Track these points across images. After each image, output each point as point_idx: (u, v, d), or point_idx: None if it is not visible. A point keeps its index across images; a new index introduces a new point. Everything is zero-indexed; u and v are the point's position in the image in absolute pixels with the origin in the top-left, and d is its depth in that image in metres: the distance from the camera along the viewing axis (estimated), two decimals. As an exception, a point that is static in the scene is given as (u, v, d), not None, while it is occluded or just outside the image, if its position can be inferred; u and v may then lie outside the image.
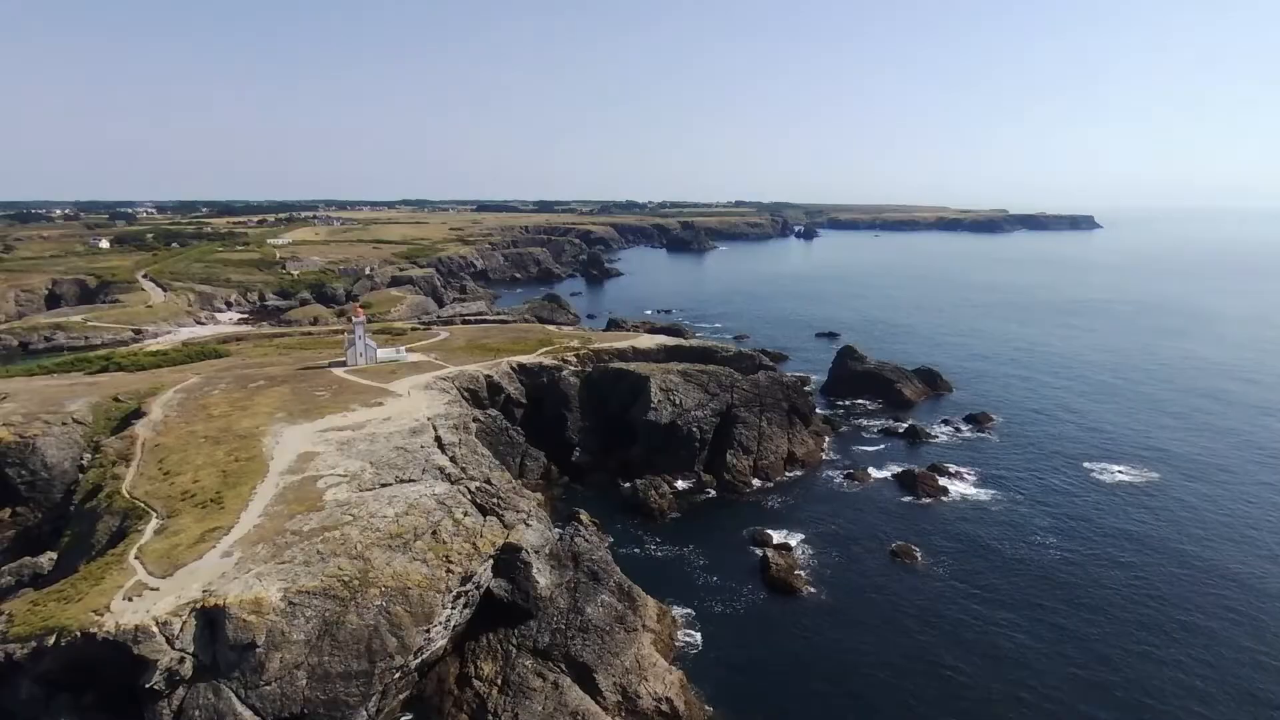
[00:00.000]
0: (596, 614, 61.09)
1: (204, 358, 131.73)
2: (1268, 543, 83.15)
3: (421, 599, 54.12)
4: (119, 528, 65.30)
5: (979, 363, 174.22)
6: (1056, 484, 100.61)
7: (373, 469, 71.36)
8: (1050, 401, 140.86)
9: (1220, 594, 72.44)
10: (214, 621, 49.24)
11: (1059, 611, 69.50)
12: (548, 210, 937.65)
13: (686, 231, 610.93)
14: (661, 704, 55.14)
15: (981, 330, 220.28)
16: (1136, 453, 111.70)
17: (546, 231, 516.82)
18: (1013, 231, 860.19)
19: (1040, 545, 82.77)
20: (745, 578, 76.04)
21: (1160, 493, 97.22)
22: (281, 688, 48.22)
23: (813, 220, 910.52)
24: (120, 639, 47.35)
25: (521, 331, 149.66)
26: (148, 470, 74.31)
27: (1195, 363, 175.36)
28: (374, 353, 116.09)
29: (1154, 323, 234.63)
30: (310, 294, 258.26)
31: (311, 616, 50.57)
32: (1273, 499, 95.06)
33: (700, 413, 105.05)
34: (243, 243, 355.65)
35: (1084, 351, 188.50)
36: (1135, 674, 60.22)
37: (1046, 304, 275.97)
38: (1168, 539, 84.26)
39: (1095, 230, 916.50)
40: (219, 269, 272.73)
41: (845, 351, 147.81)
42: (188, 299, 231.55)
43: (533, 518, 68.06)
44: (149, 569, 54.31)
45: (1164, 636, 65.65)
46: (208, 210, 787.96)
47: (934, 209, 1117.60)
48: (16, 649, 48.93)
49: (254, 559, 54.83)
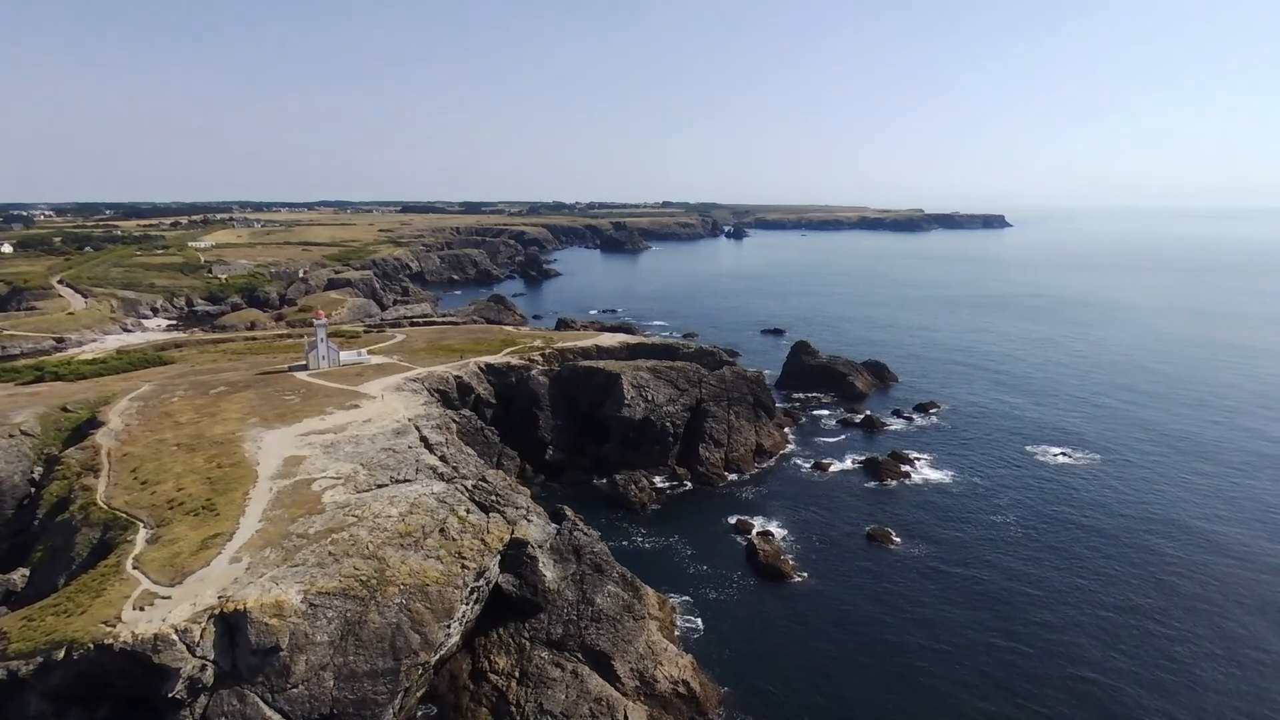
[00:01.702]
0: (606, 604, 62.38)
1: (148, 365, 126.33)
2: (1189, 511, 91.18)
3: (441, 595, 54.42)
4: (100, 539, 63.00)
5: (918, 355, 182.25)
6: (1005, 466, 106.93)
7: (366, 471, 70.74)
8: (987, 390, 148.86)
9: (1155, 555, 79.41)
10: (234, 627, 48.50)
11: (1029, 577, 75.23)
12: (475, 211, 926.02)
13: (620, 232, 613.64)
14: (678, 686, 56.91)
15: (916, 324, 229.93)
16: (1069, 436, 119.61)
17: (479, 233, 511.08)
18: (930, 230, 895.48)
19: (1002, 523, 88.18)
20: (734, 565, 78.52)
21: (1098, 471, 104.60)
22: (309, 689, 47.87)
23: (740, 220, 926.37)
24: (138, 648, 46.21)
25: (480, 332, 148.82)
26: (121, 480, 71.60)
27: (1111, 351, 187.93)
28: (336, 356, 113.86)
29: (1071, 315, 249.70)
30: (241, 298, 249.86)
31: (333, 617, 50.33)
32: (1192, 474, 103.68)
33: (671, 408, 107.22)
34: (162, 246, 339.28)
35: (1011, 342, 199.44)
36: (1090, 614, 67.02)
37: (972, 299, 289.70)
38: (1109, 508, 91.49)
39: (1006, 229, 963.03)
40: (141, 274, 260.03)
41: (799, 346, 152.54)
42: (110, 305, 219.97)
43: (532, 513, 68.86)
44: (154, 578, 52.89)
45: (1110, 583, 73.49)
46: (113, 212, 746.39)
47: (855, 209, 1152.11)
48: (20, 665, 47.04)
49: (265, 563, 54.03)
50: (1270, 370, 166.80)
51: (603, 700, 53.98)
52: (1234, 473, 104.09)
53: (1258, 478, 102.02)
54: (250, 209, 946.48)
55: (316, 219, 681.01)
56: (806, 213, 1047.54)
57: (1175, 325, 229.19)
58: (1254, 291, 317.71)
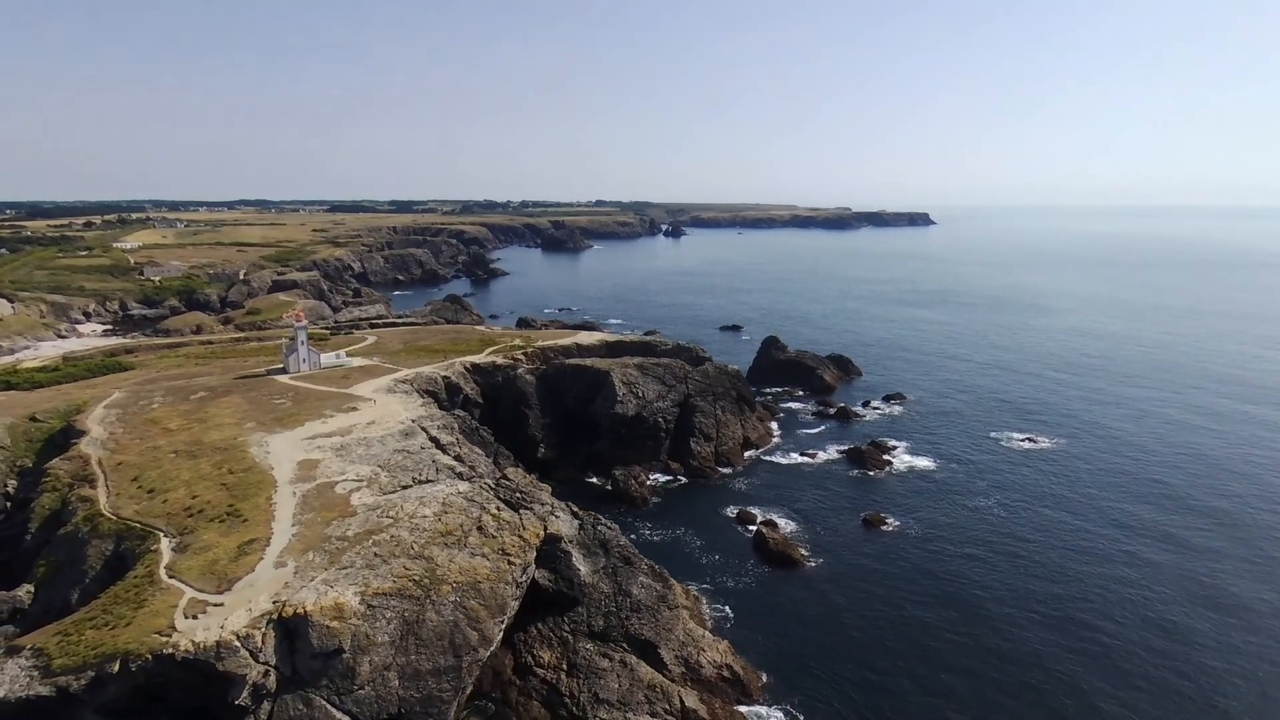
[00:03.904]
0: (641, 595, 63.65)
1: (106, 371, 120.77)
2: (1147, 486, 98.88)
3: (493, 592, 54.79)
4: (114, 550, 61.02)
5: (874, 348, 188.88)
6: (976, 451, 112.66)
7: (386, 473, 70.12)
8: (946, 380, 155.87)
9: (1121, 528, 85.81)
10: (294, 631, 47.98)
11: (1016, 552, 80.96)
12: (407, 210, 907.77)
13: (561, 231, 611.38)
14: (723, 670, 58.74)
15: (866, 319, 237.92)
16: (1028, 421, 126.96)
17: (417, 232, 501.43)
18: (860, 228, 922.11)
19: (984, 506, 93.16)
20: (744, 554, 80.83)
21: (1059, 453, 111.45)
22: (376, 690, 47.77)
23: (676, 219, 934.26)
24: (202, 657, 45.32)
25: (453, 332, 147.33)
26: (123, 490, 69.06)
27: (1054, 342, 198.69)
28: (316, 359, 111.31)
29: (1009, 307, 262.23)
30: (179, 301, 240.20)
31: (391, 618, 50.24)
32: (1145, 452, 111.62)
33: (661, 404, 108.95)
34: (84, 248, 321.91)
35: (959, 335, 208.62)
36: (1072, 580, 72.91)
37: (913, 293, 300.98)
38: (1075, 487, 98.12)
39: (931, 226, 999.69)
40: (67, 276, 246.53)
41: (769, 342, 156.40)
42: (40, 310, 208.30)
43: (558, 509, 69.52)
44: (197, 585, 51.65)
45: (1086, 555, 79.81)
46: (15, 212, 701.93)
47: (786, 208, 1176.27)
48: (71, 681, 45.44)
49: (312, 567, 53.39)
50: (1171, 357, 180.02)
51: (656, 687, 55.36)
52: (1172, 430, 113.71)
53: (1195, 434, 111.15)
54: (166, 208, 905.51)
55: (242, 218, 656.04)
56: (741, 211, 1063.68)
57: (1097, 317, 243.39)
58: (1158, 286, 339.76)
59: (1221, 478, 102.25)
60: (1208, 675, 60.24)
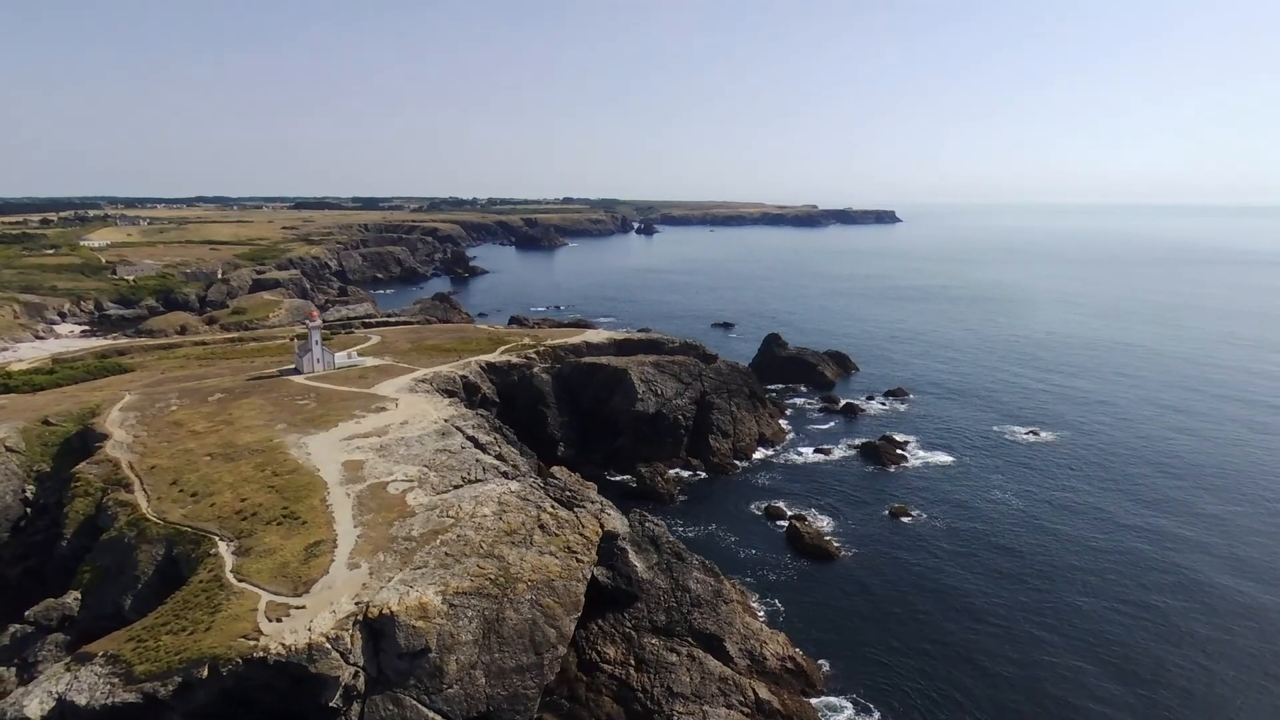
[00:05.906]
0: (699, 589, 64.41)
1: (106, 373, 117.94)
2: (1156, 476, 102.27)
3: (566, 589, 55.10)
4: (166, 555, 60.12)
5: (866, 343, 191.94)
6: (985, 445, 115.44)
7: (435, 473, 69.81)
8: (944, 375, 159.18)
9: (1135, 515, 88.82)
10: (379, 632, 47.88)
11: (1043, 542, 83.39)
12: (372, 208, 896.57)
13: (535, 229, 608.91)
14: (786, 663, 59.81)
15: (853, 315, 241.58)
16: (1028, 415, 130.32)
17: (390, 230, 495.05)
18: (828, 225, 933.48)
19: (1001, 498, 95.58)
20: (779, 548, 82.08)
21: (1065, 446, 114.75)
22: (464, 689, 47.90)
23: (646, 217, 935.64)
24: (294, 659, 45.02)
25: (458, 331, 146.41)
26: (164, 494, 67.87)
27: (1037, 338, 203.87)
28: (331, 359, 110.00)
29: (989, 304, 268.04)
30: (157, 301, 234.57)
31: (473, 616, 50.34)
32: (1142, 445, 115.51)
33: (680, 401, 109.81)
34: (49, 246, 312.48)
35: (946, 331, 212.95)
36: (1099, 565, 76.04)
37: (893, 290, 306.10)
38: (1087, 479, 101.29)
39: (897, 224, 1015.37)
40: (37, 275, 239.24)
41: (771, 339, 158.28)
42: (14, 310, 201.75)
43: (608, 507, 69.83)
44: (272, 589, 51.15)
45: (1114, 534, 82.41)
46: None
47: (755, 205, 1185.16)
48: (158, 687, 44.84)
49: (385, 567, 53.19)
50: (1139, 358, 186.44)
51: (727, 680, 56.20)
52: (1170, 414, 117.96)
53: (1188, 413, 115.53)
54: (122, 205, 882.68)
55: (205, 216, 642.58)
56: (710, 209, 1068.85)
57: (1073, 313, 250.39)
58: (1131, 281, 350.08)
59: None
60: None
